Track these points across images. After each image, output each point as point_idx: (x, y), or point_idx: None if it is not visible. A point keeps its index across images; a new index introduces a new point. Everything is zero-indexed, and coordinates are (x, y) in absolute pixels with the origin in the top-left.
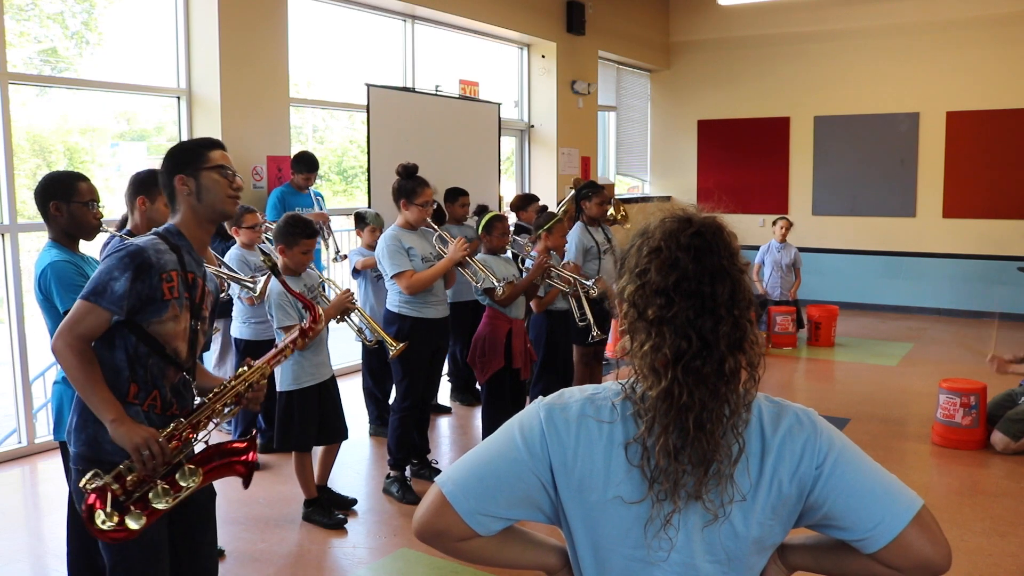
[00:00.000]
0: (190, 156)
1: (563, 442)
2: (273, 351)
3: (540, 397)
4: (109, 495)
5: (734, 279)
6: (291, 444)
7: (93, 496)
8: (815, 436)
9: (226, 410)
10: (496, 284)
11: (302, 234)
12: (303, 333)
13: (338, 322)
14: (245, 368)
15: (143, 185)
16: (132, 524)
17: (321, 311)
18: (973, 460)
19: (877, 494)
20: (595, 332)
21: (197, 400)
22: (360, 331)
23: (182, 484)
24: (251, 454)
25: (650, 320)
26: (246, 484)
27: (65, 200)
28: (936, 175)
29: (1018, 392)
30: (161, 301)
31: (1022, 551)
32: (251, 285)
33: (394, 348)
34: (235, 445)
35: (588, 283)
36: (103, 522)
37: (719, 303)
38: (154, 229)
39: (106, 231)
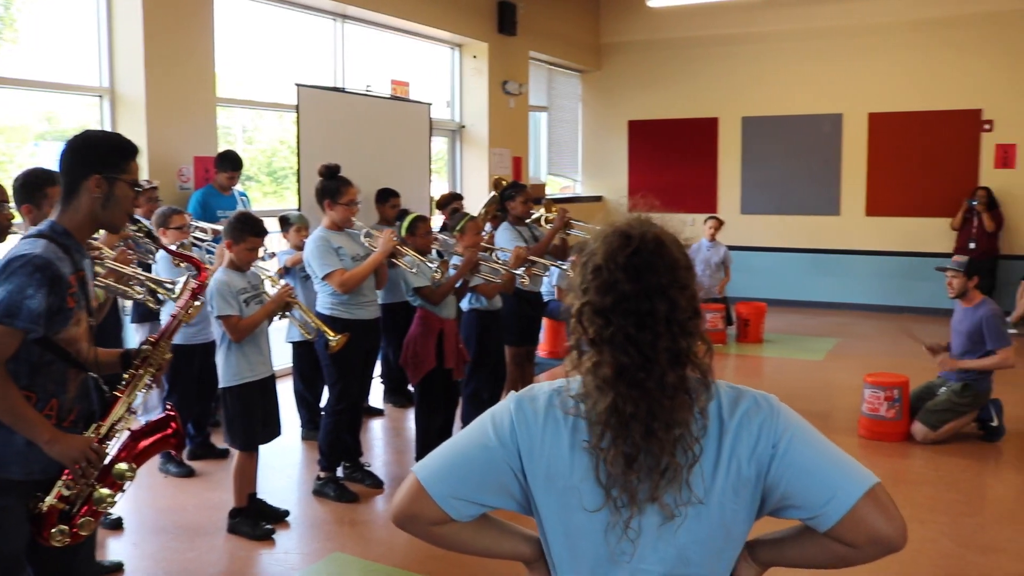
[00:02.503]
0: (115, 159)
1: (531, 431)
2: (169, 321)
3: (512, 392)
4: (56, 514)
5: (671, 298)
6: (236, 441)
7: (45, 523)
8: (772, 417)
9: (139, 397)
10: (433, 271)
11: (251, 232)
12: (194, 294)
13: (280, 318)
14: (148, 347)
15: (27, 191)
16: (84, 531)
17: (208, 267)
18: (896, 451)
19: (829, 471)
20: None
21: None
22: (302, 325)
23: (121, 481)
24: (172, 425)
25: (592, 339)
26: (179, 450)
27: None
28: (859, 174)
29: (936, 384)
30: (67, 311)
31: (941, 537)
32: (170, 287)
33: (335, 340)
34: (156, 425)
35: (518, 272)
36: (60, 540)
37: (657, 320)
38: (37, 229)
39: (16, 232)
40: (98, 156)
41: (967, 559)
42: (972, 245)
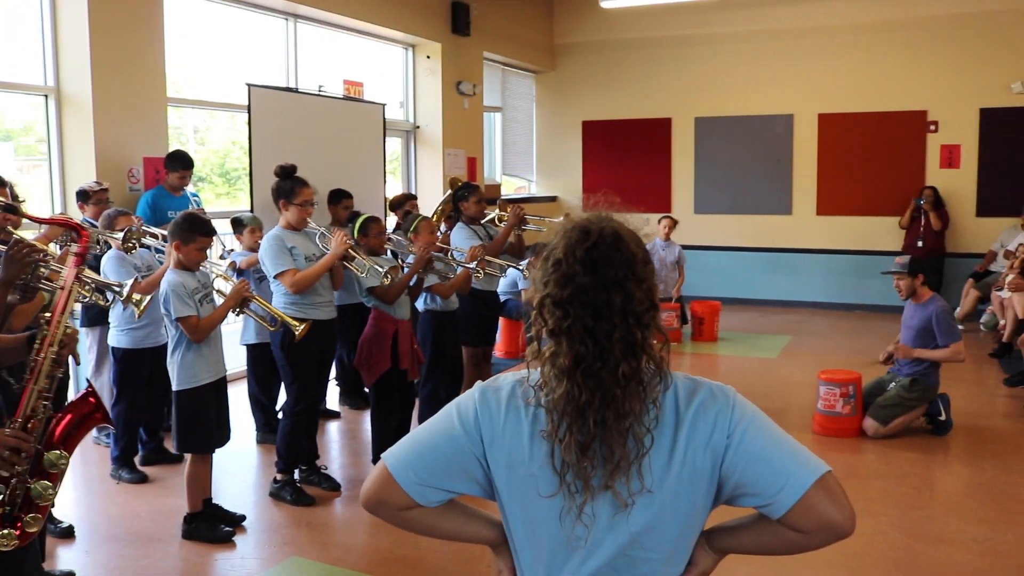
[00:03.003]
0: None
1: (493, 420)
2: (62, 293)
3: (479, 382)
4: None
5: (627, 290)
6: (191, 446)
7: None
8: (727, 408)
9: (51, 382)
10: (382, 273)
11: (199, 232)
12: (79, 259)
13: (237, 314)
14: (44, 327)
15: None
16: (32, 528)
17: (87, 228)
18: (848, 447)
19: (782, 460)
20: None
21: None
22: (262, 318)
23: (55, 471)
24: (91, 400)
25: (551, 330)
26: (108, 422)
27: None
28: (810, 174)
29: (886, 380)
30: None
31: (891, 529)
32: (118, 290)
33: (298, 329)
34: (76, 405)
35: (471, 265)
36: (8, 543)
37: (614, 312)
38: None
39: None
40: None
41: (917, 551)
42: (920, 243)
